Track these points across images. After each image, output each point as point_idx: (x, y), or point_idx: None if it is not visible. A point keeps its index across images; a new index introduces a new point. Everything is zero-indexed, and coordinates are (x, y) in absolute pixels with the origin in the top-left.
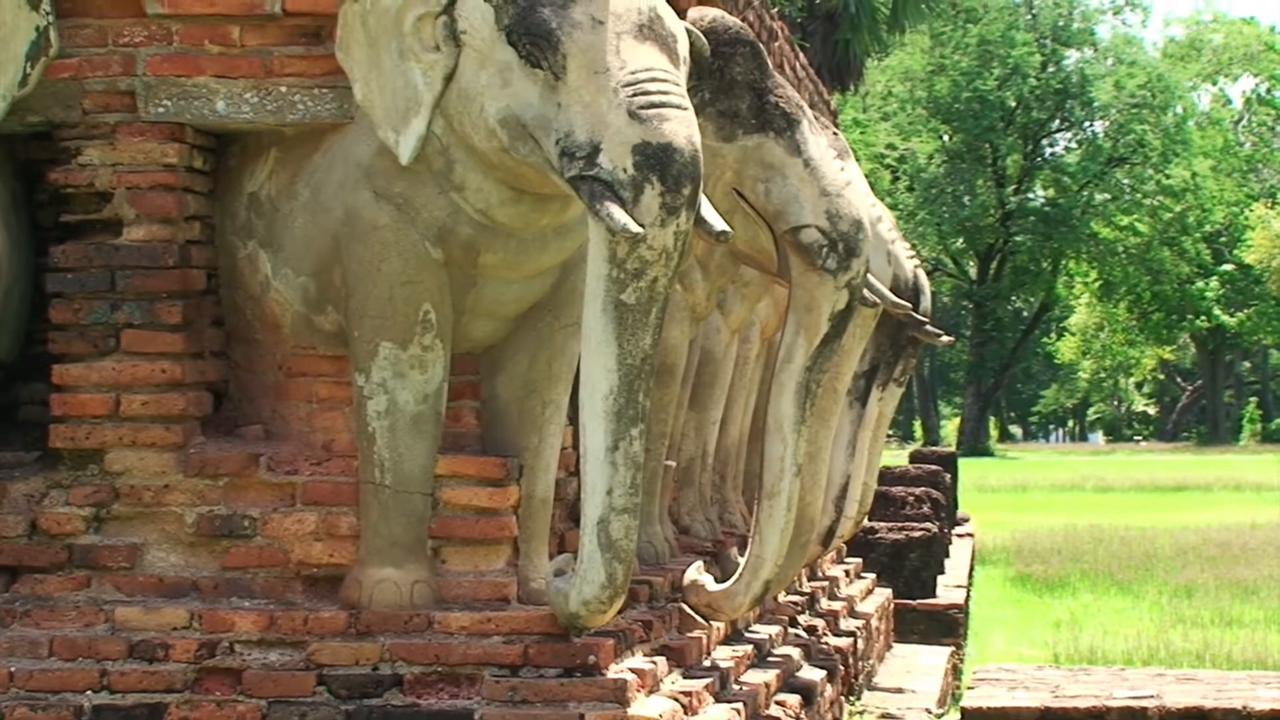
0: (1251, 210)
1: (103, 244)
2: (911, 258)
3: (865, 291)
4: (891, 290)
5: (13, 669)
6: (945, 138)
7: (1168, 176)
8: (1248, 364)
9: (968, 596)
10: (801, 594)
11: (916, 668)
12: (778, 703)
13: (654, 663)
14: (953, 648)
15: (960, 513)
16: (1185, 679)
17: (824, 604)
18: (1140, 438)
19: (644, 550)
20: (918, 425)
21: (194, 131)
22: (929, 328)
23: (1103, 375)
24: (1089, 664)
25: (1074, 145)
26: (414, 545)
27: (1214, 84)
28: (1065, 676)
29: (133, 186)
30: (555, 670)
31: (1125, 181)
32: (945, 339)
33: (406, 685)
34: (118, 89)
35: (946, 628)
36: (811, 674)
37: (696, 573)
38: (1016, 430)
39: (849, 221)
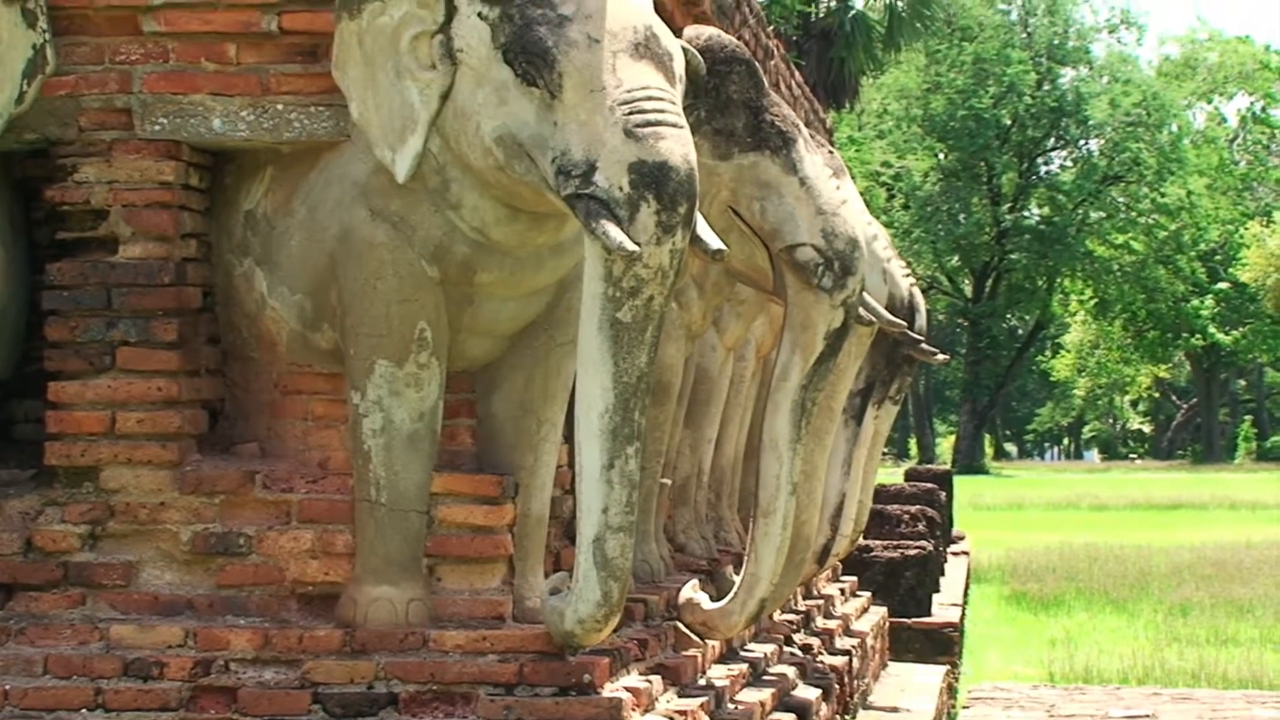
0: (1246, 228)
1: (99, 261)
2: (907, 276)
3: (861, 310)
4: (887, 308)
5: (7, 687)
6: (940, 156)
7: (1163, 195)
8: (1243, 382)
9: (963, 615)
10: (797, 612)
11: (912, 686)
12: None
13: (649, 681)
14: (948, 666)
15: (955, 531)
16: (1181, 698)
17: (819, 622)
18: (1135, 456)
19: (639, 568)
20: (913, 443)
21: (190, 149)
22: (924, 346)
23: (1098, 393)
24: (1084, 683)
25: (1069, 163)
26: (409, 563)
27: (1209, 102)
28: (1060, 695)
29: (129, 204)
30: (550, 689)
31: (1120, 200)
32: (940, 357)
33: (402, 704)
34: (114, 106)
35: (942, 646)
36: (807, 693)
37: (692, 591)
38: (1012, 448)
39: (845, 240)
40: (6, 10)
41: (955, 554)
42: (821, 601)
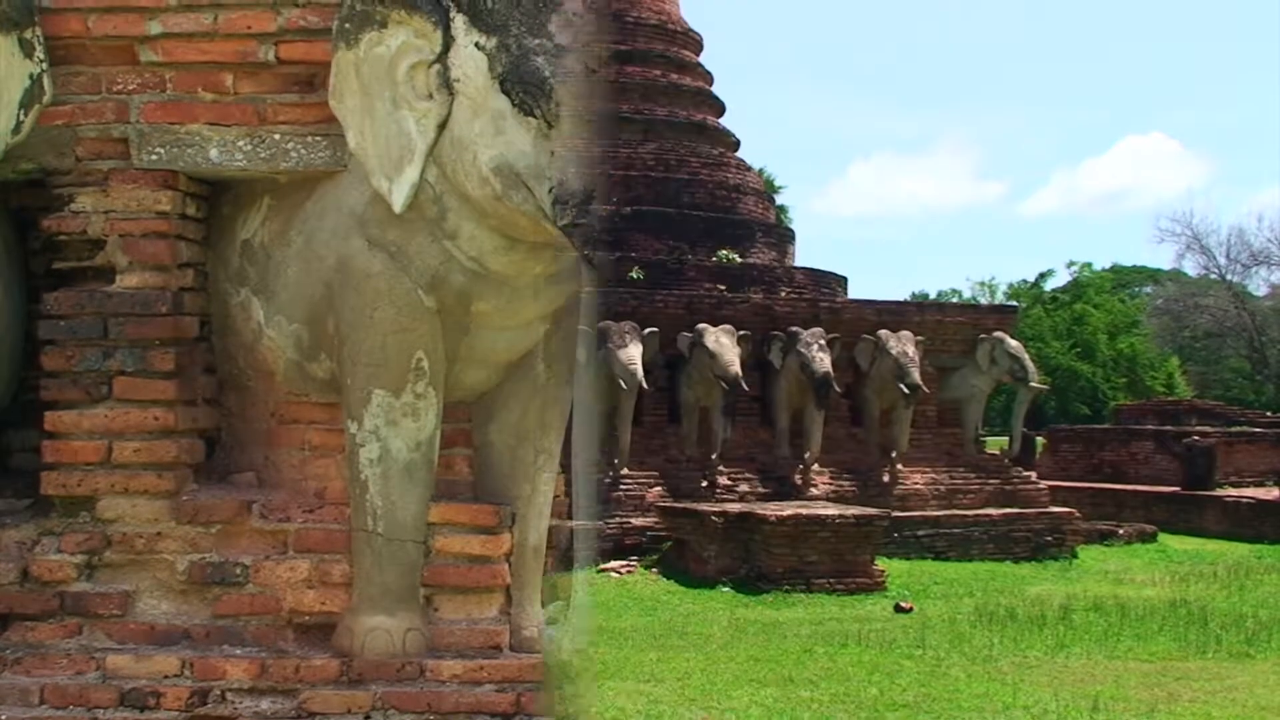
0: None
1: (95, 291)
2: None
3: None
4: None
5: (4, 717)
6: None
7: None
8: None
9: None
10: None
11: None
12: None
13: None
14: None
15: None
16: None
17: None
18: None
19: None
20: None
21: (187, 179)
22: None
23: None
24: None
25: None
26: (406, 593)
27: None
28: None
29: (126, 234)
30: (547, 719)
31: None
32: None
33: None
34: (111, 136)
35: None
36: None
37: None
38: None
39: None
40: (4, 40)
41: None
42: None
